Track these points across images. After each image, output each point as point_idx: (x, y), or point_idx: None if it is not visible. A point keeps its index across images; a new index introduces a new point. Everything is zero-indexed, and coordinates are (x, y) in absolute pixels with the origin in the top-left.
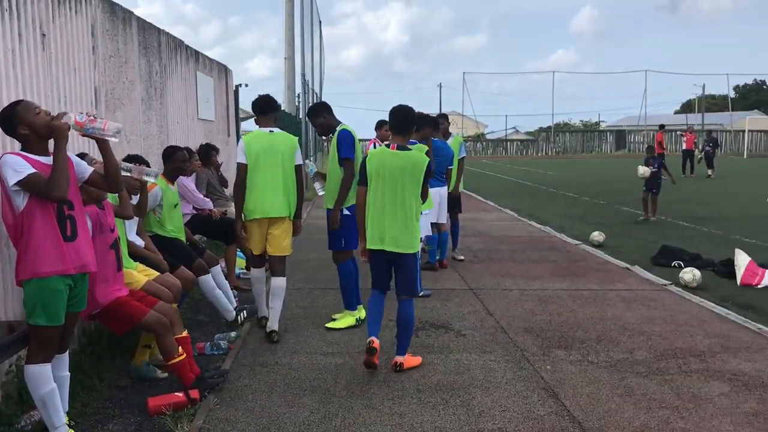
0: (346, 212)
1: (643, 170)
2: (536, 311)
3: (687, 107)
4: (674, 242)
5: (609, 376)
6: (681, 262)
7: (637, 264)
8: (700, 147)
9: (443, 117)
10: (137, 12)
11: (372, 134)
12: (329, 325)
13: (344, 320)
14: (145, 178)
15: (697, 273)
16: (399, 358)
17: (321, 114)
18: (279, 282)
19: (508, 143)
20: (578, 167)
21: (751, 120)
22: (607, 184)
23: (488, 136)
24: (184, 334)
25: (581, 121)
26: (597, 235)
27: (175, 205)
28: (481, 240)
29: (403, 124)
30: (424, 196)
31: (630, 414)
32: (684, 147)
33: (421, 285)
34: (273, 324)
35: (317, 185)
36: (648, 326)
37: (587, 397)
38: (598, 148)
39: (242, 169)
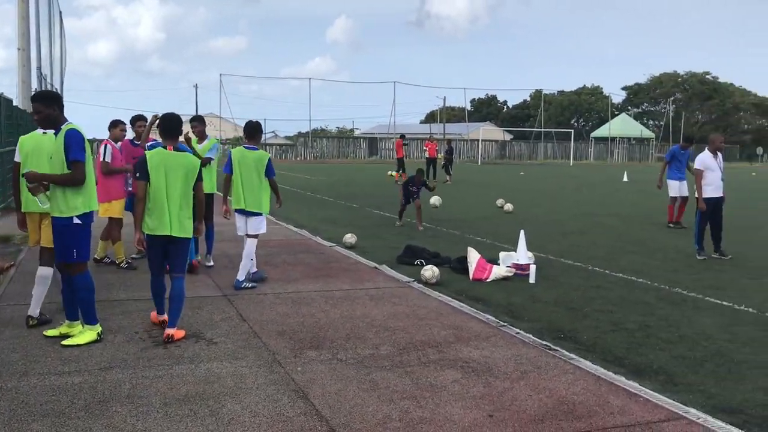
0: (76, 221)
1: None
2: (290, 314)
3: (431, 117)
4: (417, 242)
5: (356, 372)
6: (423, 261)
7: (385, 263)
8: (442, 154)
9: (197, 119)
10: None
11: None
12: (66, 342)
13: (84, 336)
14: None
15: (436, 270)
16: (170, 330)
17: (54, 105)
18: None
19: (267, 147)
20: (334, 172)
21: (484, 130)
22: (360, 188)
23: None
24: None
25: (337, 127)
26: (349, 237)
27: None
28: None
29: (174, 128)
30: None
31: (374, 407)
32: (427, 155)
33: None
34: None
35: (41, 197)
36: (393, 322)
37: (335, 394)
38: (352, 154)
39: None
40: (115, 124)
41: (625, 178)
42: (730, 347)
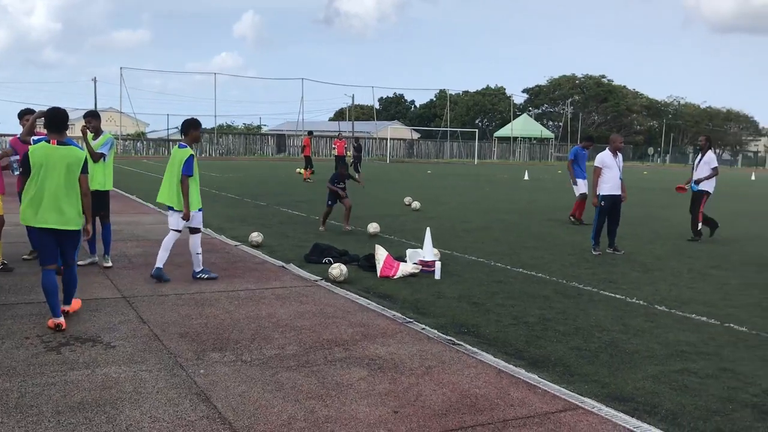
0: None
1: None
2: (192, 315)
3: (339, 115)
4: (325, 241)
5: (261, 374)
6: (330, 259)
7: (292, 262)
8: (350, 152)
9: (91, 114)
10: None
11: (11, 126)
12: None
13: None
14: None
15: (344, 268)
16: (66, 307)
17: None
18: None
19: (171, 143)
20: (241, 169)
21: (393, 129)
22: (267, 186)
23: (150, 135)
24: None
25: (244, 123)
26: (256, 236)
27: None
28: (138, 245)
29: (58, 122)
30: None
31: (279, 408)
32: (335, 153)
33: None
34: None
35: None
36: (299, 321)
37: (239, 396)
38: (260, 151)
39: None
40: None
41: (527, 177)
42: (622, 338)
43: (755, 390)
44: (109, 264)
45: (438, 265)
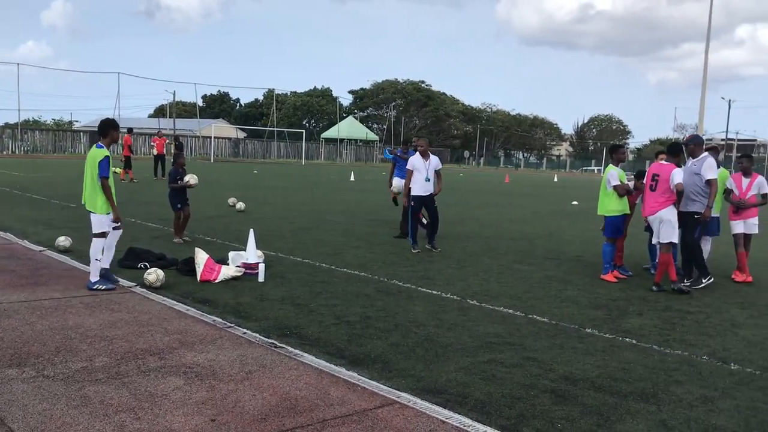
0: None
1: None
2: None
3: (160, 112)
4: (142, 244)
5: (65, 389)
6: (147, 264)
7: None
8: (171, 150)
9: None
10: None
11: None
12: None
13: None
14: None
15: (160, 273)
16: None
17: None
18: None
19: None
20: (49, 168)
21: (217, 127)
22: (78, 187)
23: None
24: None
25: (53, 119)
26: (63, 240)
27: None
28: None
29: None
30: None
31: (85, 424)
32: (155, 152)
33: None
34: None
35: None
36: (110, 330)
37: (39, 415)
38: (71, 149)
39: None
40: None
41: (352, 178)
42: (437, 332)
43: (554, 376)
44: None
45: (262, 267)
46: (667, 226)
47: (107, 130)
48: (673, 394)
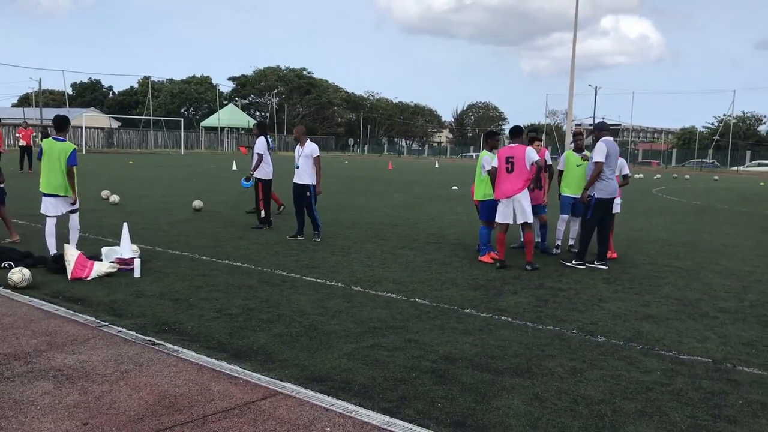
0: None
1: None
2: None
3: (25, 101)
4: (4, 242)
5: None
6: (11, 263)
7: None
8: (38, 142)
9: None
10: None
11: None
12: None
13: None
14: None
15: (27, 272)
16: None
17: None
18: None
19: None
20: None
21: (88, 117)
22: None
23: None
24: None
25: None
26: None
27: None
28: None
29: None
30: None
31: None
32: (22, 143)
33: None
34: None
35: None
36: None
37: None
38: None
39: None
40: None
41: (234, 167)
42: (322, 320)
43: (434, 357)
44: None
45: (137, 262)
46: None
47: (67, 125)
48: (545, 368)
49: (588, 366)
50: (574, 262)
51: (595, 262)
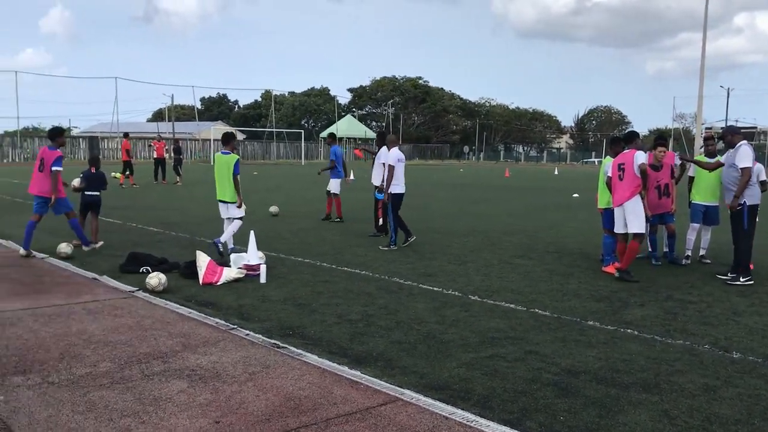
0: None
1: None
2: None
3: (158, 116)
4: (143, 249)
5: (70, 395)
6: (149, 268)
7: (106, 274)
8: (171, 154)
9: None
10: None
11: None
12: None
13: None
14: None
15: (162, 277)
16: None
17: None
18: None
19: None
20: None
21: (216, 130)
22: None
23: None
24: None
25: (53, 125)
26: (65, 247)
27: None
28: None
29: None
30: None
31: (91, 430)
32: (155, 155)
33: None
34: None
35: None
36: (114, 336)
37: (45, 422)
38: (71, 155)
39: None
40: None
41: (352, 176)
42: (439, 329)
43: (556, 369)
44: None
45: (263, 268)
46: (631, 216)
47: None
48: (675, 384)
49: (722, 383)
50: (742, 279)
51: (728, 274)
